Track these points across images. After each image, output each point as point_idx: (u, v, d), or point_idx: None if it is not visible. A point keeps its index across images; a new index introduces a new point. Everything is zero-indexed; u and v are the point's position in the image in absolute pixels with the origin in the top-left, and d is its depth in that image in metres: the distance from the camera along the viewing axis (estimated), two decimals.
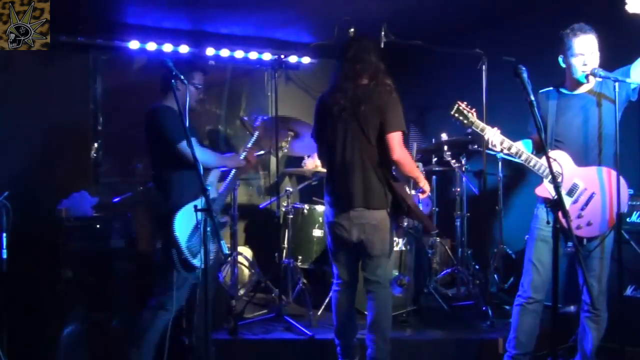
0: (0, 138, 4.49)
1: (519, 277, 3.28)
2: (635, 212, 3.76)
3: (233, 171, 3.49)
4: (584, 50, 2.98)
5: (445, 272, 4.87)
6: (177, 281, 3.05)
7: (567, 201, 3.02)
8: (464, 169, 4.80)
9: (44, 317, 3.61)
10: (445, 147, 4.63)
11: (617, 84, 2.95)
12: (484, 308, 4.15)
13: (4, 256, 3.76)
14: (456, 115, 3.09)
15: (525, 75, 2.65)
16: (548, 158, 2.47)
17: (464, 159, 4.79)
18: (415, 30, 4.24)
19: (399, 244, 4.27)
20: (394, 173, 3.27)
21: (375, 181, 3.18)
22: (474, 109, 3.12)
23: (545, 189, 3.07)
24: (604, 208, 3.00)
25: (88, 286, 3.65)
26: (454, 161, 4.70)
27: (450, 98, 3.14)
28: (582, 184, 3.05)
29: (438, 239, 5.00)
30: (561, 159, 3.04)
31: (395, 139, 3.12)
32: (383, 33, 4.14)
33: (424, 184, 3.32)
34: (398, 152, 3.12)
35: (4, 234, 3.36)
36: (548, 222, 2.86)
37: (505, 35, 4.84)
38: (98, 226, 3.78)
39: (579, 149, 3.07)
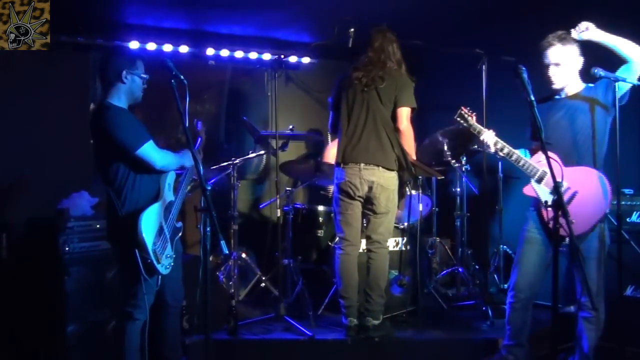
0: (0, 138, 4.49)
1: None
2: (635, 212, 3.76)
3: (186, 177, 3.18)
4: (551, 61, 3.17)
5: (445, 272, 4.87)
6: (145, 288, 2.83)
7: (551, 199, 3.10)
8: (464, 169, 4.80)
9: (44, 317, 3.61)
10: (445, 147, 4.63)
11: (617, 83, 2.98)
12: (484, 308, 4.16)
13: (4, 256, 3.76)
14: (459, 119, 3.36)
15: (525, 75, 2.68)
16: (547, 157, 2.49)
17: (464, 159, 4.79)
18: (415, 30, 4.22)
19: (399, 244, 4.27)
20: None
21: (387, 143, 3.62)
22: (474, 113, 3.37)
23: (532, 189, 3.20)
24: (585, 207, 3.04)
25: (88, 286, 3.64)
26: (454, 161, 4.70)
27: (450, 98, 3.17)
28: (566, 183, 3.09)
29: (438, 239, 5.00)
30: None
31: (404, 112, 3.63)
32: None
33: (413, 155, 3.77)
34: (404, 124, 3.64)
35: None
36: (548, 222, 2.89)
37: (505, 35, 4.83)
38: (98, 226, 3.77)
39: (566, 150, 3.14)
